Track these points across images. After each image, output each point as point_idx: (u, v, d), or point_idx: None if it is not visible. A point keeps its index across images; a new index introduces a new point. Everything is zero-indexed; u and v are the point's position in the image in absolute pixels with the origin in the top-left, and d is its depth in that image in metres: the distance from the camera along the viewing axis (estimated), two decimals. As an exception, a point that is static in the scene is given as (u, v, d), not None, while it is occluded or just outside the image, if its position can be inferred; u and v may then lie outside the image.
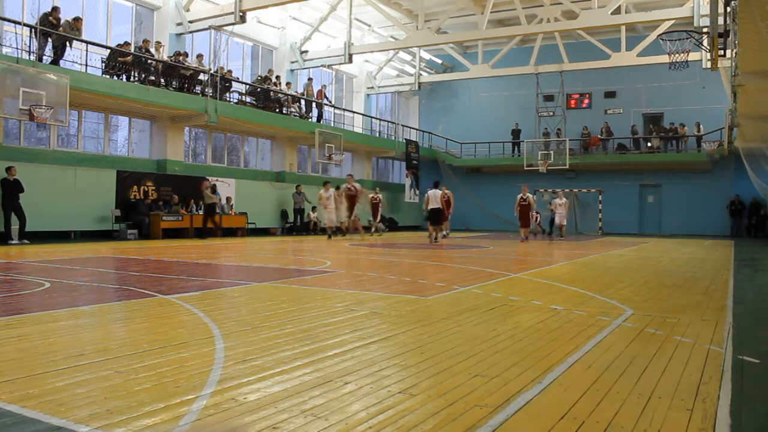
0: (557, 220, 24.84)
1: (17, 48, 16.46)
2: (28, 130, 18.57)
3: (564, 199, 25.20)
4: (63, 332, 4.85)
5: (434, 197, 20.05)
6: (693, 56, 20.69)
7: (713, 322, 5.65)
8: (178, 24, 22.70)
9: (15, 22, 16.72)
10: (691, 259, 14.15)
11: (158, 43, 20.78)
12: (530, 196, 22.65)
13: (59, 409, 2.92)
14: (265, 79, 25.00)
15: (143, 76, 19.58)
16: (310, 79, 28.28)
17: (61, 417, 2.81)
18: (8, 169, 15.74)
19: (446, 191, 22.72)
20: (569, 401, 3.19)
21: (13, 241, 15.60)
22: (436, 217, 20.15)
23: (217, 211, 20.98)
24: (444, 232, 23.40)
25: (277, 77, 26.25)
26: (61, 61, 17.38)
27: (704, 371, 3.87)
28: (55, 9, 17.27)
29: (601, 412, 3.02)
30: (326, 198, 21.65)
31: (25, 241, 15.73)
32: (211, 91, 21.38)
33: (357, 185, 21.70)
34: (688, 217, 30.88)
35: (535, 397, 3.25)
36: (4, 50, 16.51)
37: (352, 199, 21.35)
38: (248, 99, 24.34)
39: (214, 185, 20.74)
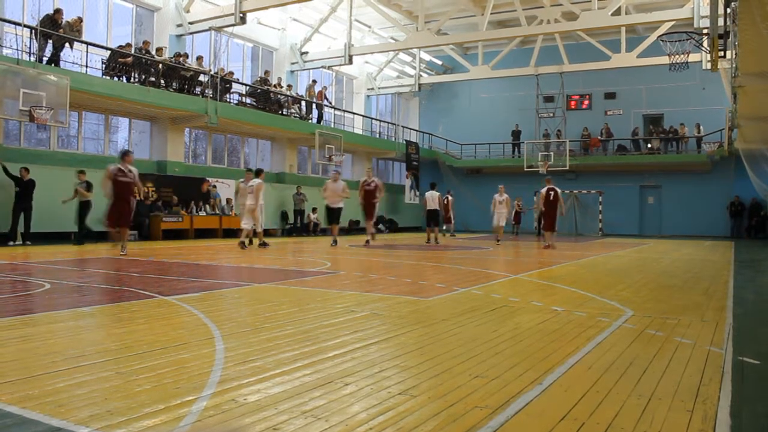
0: (495, 220, 21.29)
1: (17, 49, 16.47)
2: (28, 131, 18.58)
3: (504, 196, 21.51)
4: (63, 333, 4.85)
5: (431, 198, 20.77)
6: (693, 57, 20.68)
7: (713, 323, 5.64)
8: (179, 25, 22.71)
9: (15, 24, 16.73)
10: (691, 260, 14.15)
11: (159, 49, 20.70)
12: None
13: (59, 410, 2.92)
14: (264, 80, 25.01)
15: (143, 77, 19.58)
16: (313, 81, 28.30)
17: (61, 418, 2.81)
18: (21, 170, 15.75)
19: (435, 192, 21.25)
20: (570, 402, 3.19)
21: (14, 243, 15.59)
22: (432, 218, 20.65)
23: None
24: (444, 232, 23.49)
25: (279, 79, 26.26)
26: (62, 62, 17.39)
27: (704, 372, 3.87)
28: (58, 11, 17.31)
29: (602, 413, 3.02)
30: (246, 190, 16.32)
31: (28, 242, 15.72)
32: (211, 92, 21.38)
33: (135, 170, 13.02)
34: (688, 218, 30.90)
35: (535, 398, 3.25)
36: (5, 51, 16.51)
37: (126, 188, 12.70)
38: (248, 100, 24.35)
39: (88, 182, 16.34)
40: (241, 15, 21.08)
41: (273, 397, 3.18)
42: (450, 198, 26.63)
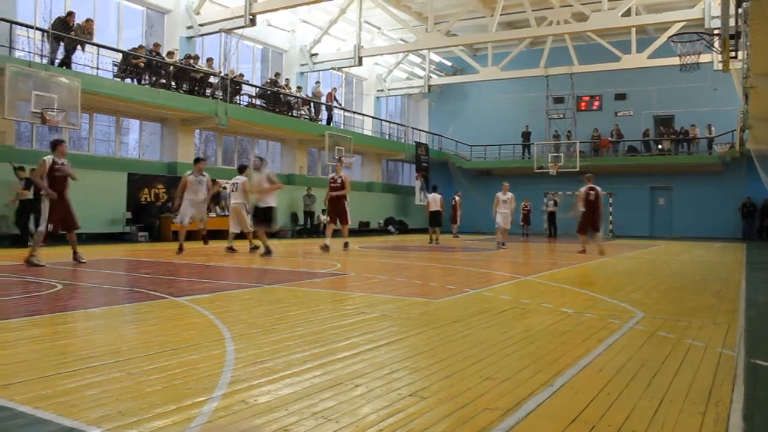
0: (500, 221, 18.45)
1: (29, 52, 16.58)
2: (40, 133, 18.70)
3: (509, 194, 18.62)
4: (74, 334, 4.88)
5: (434, 200, 22.47)
6: (704, 58, 20.55)
7: (725, 325, 5.61)
8: (189, 27, 22.79)
9: (28, 26, 16.84)
10: (703, 261, 14.07)
11: (170, 52, 20.75)
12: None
13: (71, 410, 2.94)
14: (274, 82, 25.08)
15: (154, 79, 19.67)
16: (317, 83, 28.35)
17: (73, 418, 2.83)
18: (31, 171, 15.82)
19: (437, 194, 23.02)
20: (580, 404, 3.18)
21: (28, 244, 15.68)
22: (435, 219, 22.30)
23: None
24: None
25: (287, 80, 26.31)
26: (73, 65, 17.51)
27: (716, 375, 3.84)
28: (70, 14, 17.44)
29: (613, 416, 3.01)
30: (197, 183, 13.91)
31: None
32: (221, 93, 21.45)
33: (67, 162, 11.08)
34: (699, 219, 30.73)
35: (545, 401, 3.24)
36: (17, 54, 16.63)
37: (63, 183, 10.88)
38: (258, 102, 24.41)
39: (28, 179, 14.65)
40: (251, 17, 21.14)
41: (283, 399, 3.18)
42: (457, 199, 26.66)
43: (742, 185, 29.60)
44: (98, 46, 18.64)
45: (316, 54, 28.35)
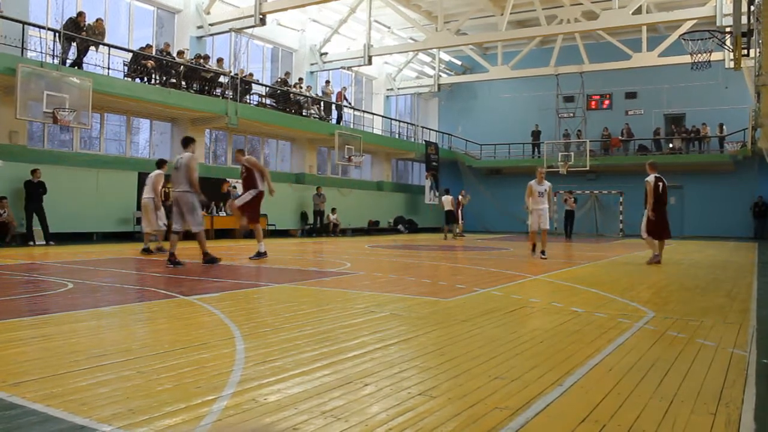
0: (533, 222, 14.03)
1: (41, 52, 16.69)
2: (51, 132, 18.83)
3: (545, 185, 14.19)
4: (85, 332, 4.90)
5: (446, 201, 25.31)
6: (716, 56, 20.47)
7: (737, 325, 5.57)
8: (199, 27, 22.87)
9: (40, 27, 16.95)
10: (714, 261, 13.99)
11: (180, 52, 20.81)
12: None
13: (82, 408, 2.95)
14: (284, 81, 25.12)
15: (164, 78, 19.74)
16: (327, 82, 28.39)
17: (84, 416, 2.84)
18: (33, 172, 15.94)
19: (448, 196, 25.61)
20: (590, 404, 3.17)
21: (38, 242, 15.79)
22: (448, 218, 25.26)
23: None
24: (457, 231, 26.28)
25: (299, 80, 26.35)
26: (84, 65, 17.61)
27: (727, 375, 3.82)
28: (80, 14, 17.55)
29: (623, 416, 3.00)
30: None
31: (51, 242, 15.91)
32: (231, 93, 21.50)
33: None
34: (710, 218, 30.54)
35: (555, 400, 3.23)
36: (29, 54, 16.73)
37: None
38: (268, 101, 24.46)
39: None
40: (261, 16, 21.18)
41: (293, 397, 3.19)
42: (459, 198, 26.66)
43: (755, 184, 29.41)
44: (109, 46, 18.73)
45: (326, 53, 28.39)
